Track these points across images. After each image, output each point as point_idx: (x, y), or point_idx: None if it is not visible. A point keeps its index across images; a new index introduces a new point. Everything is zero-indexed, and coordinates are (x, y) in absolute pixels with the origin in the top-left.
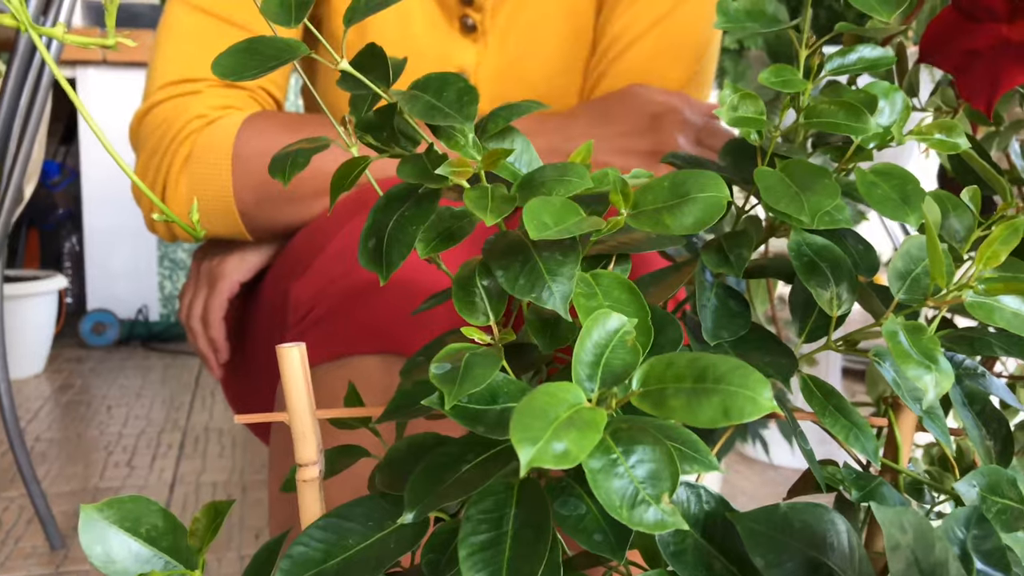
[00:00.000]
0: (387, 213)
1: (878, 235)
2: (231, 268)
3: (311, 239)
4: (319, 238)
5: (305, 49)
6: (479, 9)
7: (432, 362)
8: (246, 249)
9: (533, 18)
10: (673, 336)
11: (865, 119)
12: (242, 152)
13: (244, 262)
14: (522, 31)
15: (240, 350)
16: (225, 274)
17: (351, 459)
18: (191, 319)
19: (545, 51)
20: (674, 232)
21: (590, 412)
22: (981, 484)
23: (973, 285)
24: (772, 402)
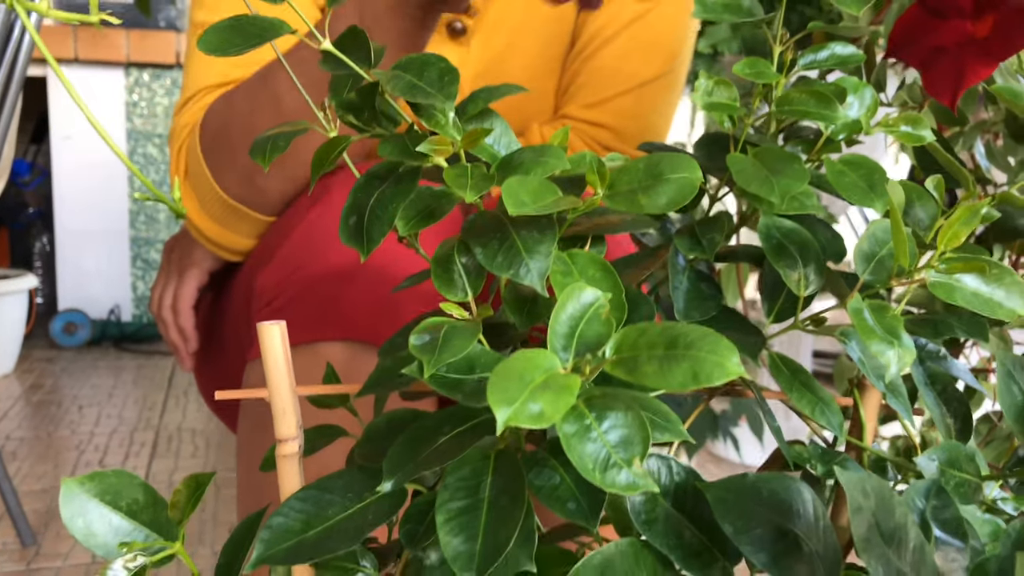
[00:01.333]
0: (367, 191)
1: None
2: (200, 257)
3: (276, 228)
4: (284, 227)
5: (288, 28)
6: (472, 15)
7: (412, 333)
8: None
9: (517, 21)
10: (646, 313)
11: (835, 107)
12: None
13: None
14: (505, 34)
15: (213, 341)
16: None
17: (329, 438)
18: (162, 309)
19: (527, 53)
20: (648, 211)
21: (564, 377)
22: (941, 459)
23: (935, 265)
24: (739, 367)
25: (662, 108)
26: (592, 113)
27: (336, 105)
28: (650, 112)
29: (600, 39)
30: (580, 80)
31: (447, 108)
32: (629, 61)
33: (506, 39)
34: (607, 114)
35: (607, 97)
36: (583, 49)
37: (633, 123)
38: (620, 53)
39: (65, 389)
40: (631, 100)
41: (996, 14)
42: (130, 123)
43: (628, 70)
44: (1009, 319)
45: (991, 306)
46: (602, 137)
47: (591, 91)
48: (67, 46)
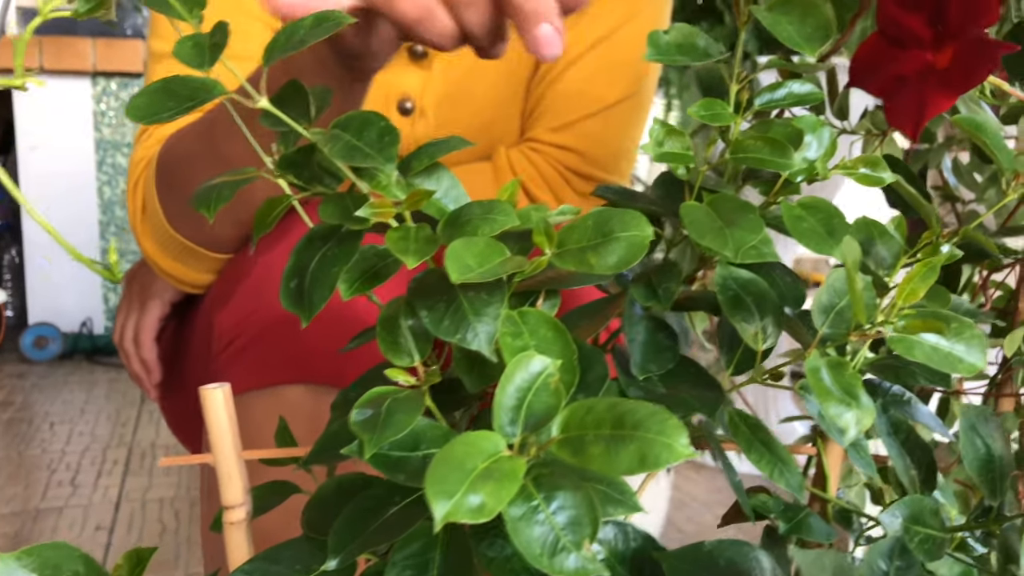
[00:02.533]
0: (309, 252)
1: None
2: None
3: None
4: (243, 264)
5: (223, 89)
6: None
7: (353, 407)
8: None
9: None
10: (600, 373)
11: (789, 155)
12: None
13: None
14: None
15: (177, 371)
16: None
17: (282, 496)
18: (124, 340)
19: (491, 76)
20: (598, 271)
21: (509, 462)
22: (904, 514)
23: (893, 322)
24: (688, 448)
25: (628, 130)
26: (558, 136)
27: (276, 164)
28: (616, 135)
29: (564, 61)
30: (545, 103)
31: (388, 170)
32: (594, 84)
33: (469, 62)
34: (573, 137)
35: (573, 120)
36: (548, 72)
37: (600, 146)
38: (585, 75)
39: (36, 406)
40: (597, 123)
41: (956, 45)
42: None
43: (593, 93)
44: (970, 373)
45: (951, 361)
46: (569, 161)
47: (556, 114)
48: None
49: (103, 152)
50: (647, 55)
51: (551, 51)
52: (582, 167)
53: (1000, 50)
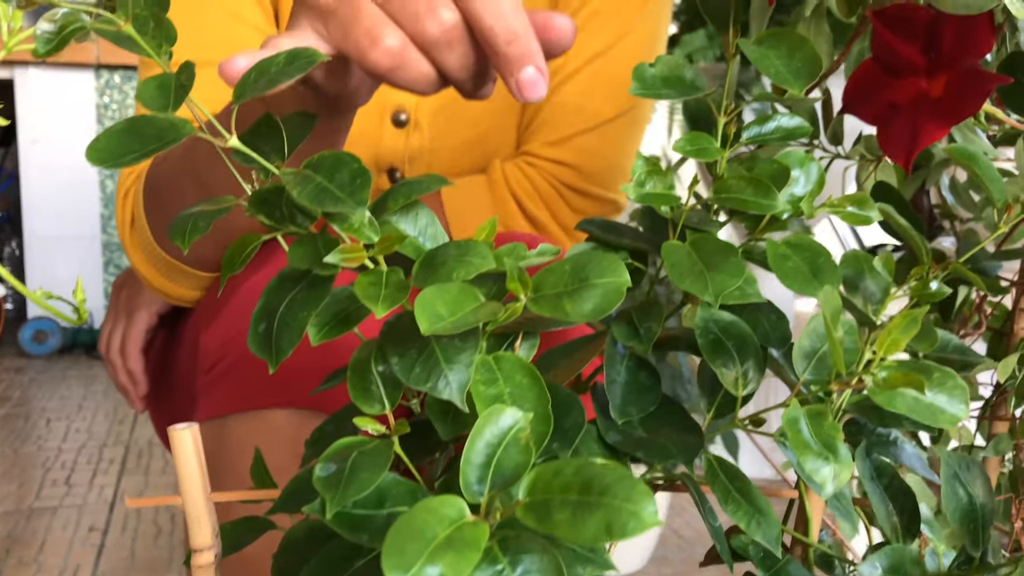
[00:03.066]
0: (279, 295)
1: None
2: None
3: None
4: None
5: (191, 128)
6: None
7: (318, 462)
8: None
9: None
10: (577, 420)
11: (773, 196)
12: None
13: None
14: None
15: (165, 382)
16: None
17: (255, 533)
18: (110, 351)
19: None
20: (573, 319)
21: (472, 528)
22: (884, 565)
23: (874, 373)
24: (655, 517)
25: (625, 145)
26: (555, 151)
27: (248, 204)
28: (613, 150)
29: (562, 75)
30: (542, 116)
31: (359, 215)
32: (591, 98)
33: None
34: (570, 152)
35: (569, 135)
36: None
37: (596, 161)
38: (582, 90)
39: (34, 401)
40: (594, 138)
41: (950, 74)
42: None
43: (591, 108)
44: (952, 425)
45: (933, 412)
46: (565, 176)
47: (553, 128)
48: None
49: None
50: (632, 89)
51: (534, 94)
52: (578, 182)
53: (994, 82)
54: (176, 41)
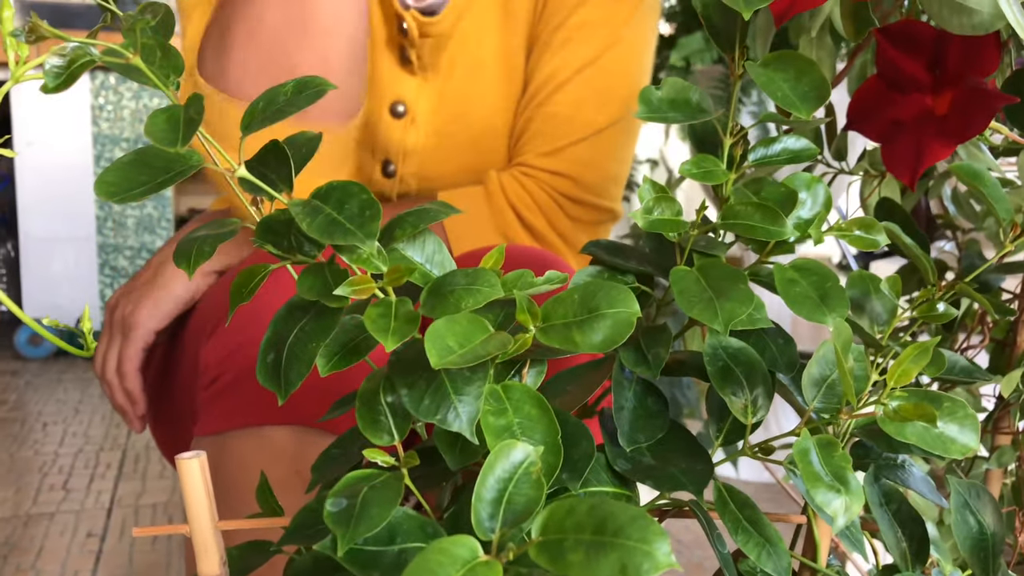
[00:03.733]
0: (288, 325)
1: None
2: (145, 316)
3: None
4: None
5: (200, 160)
6: (413, 44)
7: (328, 496)
8: (160, 296)
9: (473, 59)
10: (586, 451)
11: (781, 223)
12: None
13: (158, 310)
14: (464, 71)
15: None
16: (139, 323)
17: (263, 557)
18: (106, 371)
19: (486, 91)
20: (583, 350)
21: (485, 569)
22: None
23: (884, 403)
24: (669, 558)
25: (619, 153)
26: (549, 162)
27: (255, 232)
28: (607, 159)
29: (552, 85)
30: (534, 127)
31: (368, 246)
32: (583, 108)
33: (465, 75)
34: (564, 163)
35: (562, 146)
36: (536, 94)
37: (591, 171)
38: (573, 100)
39: (30, 405)
40: (587, 148)
41: (955, 91)
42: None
43: (583, 118)
44: (962, 455)
45: (943, 442)
46: (563, 187)
47: (546, 139)
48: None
49: (101, 146)
50: (637, 113)
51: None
52: (575, 192)
53: (1000, 101)
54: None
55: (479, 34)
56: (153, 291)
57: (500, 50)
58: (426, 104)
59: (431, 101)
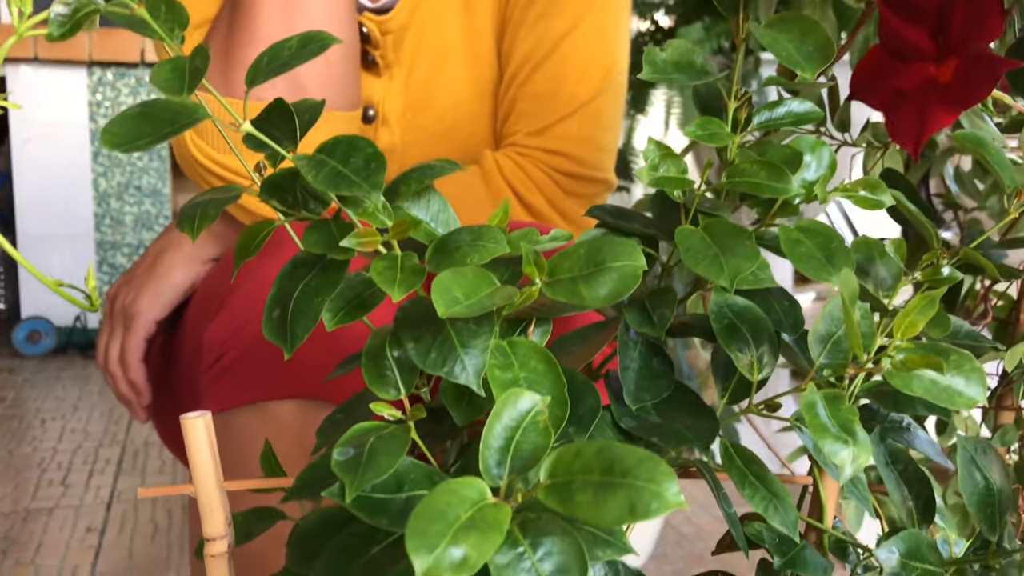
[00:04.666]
0: (293, 281)
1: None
2: (145, 306)
3: (225, 276)
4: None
5: (204, 112)
6: (376, 46)
7: (335, 447)
8: (160, 285)
9: (435, 48)
10: (592, 405)
11: (787, 180)
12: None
13: (158, 299)
14: (426, 61)
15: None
16: (140, 313)
17: (267, 523)
18: (109, 363)
19: (451, 79)
20: (589, 303)
21: (494, 510)
22: (901, 550)
23: (892, 356)
24: (678, 497)
25: (607, 124)
26: (540, 140)
27: (260, 188)
28: (595, 130)
29: (532, 63)
30: (519, 107)
31: (374, 198)
32: (564, 84)
33: (428, 66)
34: (555, 140)
35: (550, 123)
36: (516, 74)
37: (583, 145)
38: (553, 76)
39: (28, 402)
40: (575, 123)
41: (958, 59)
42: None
43: (565, 93)
44: (969, 407)
45: (950, 395)
46: (558, 164)
47: (533, 119)
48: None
49: (98, 143)
50: (643, 74)
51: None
52: (570, 168)
53: (1003, 67)
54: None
55: (439, 22)
56: (153, 280)
57: (464, 35)
58: (393, 103)
59: (398, 99)
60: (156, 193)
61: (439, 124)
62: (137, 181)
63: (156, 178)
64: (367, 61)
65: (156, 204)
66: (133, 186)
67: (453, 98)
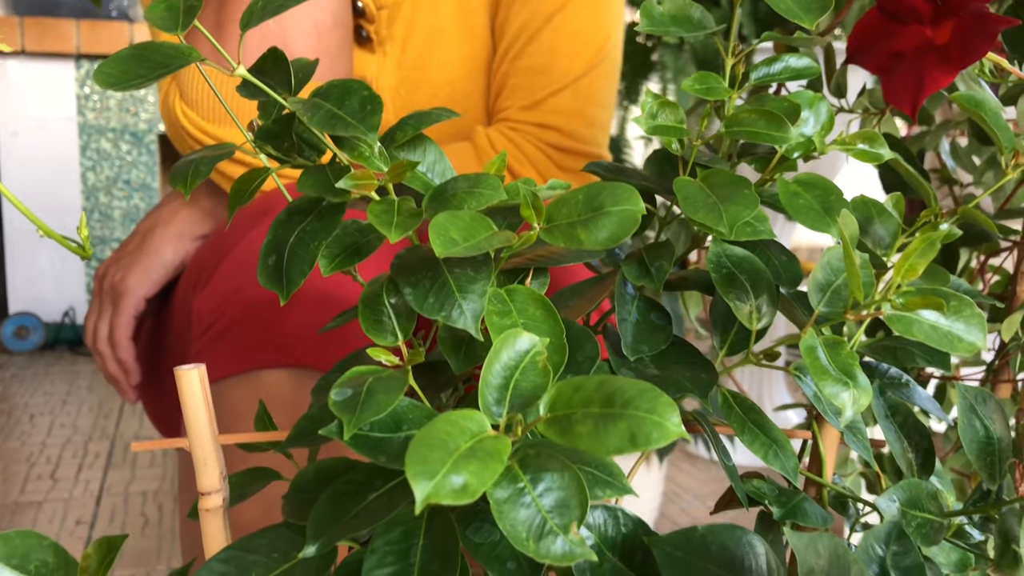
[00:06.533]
0: (288, 228)
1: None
2: (134, 283)
3: (213, 249)
4: (221, 248)
5: (198, 55)
6: (371, 20)
7: (332, 387)
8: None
9: (429, 24)
10: (590, 353)
11: (785, 128)
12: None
13: (148, 276)
14: (420, 38)
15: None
16: (129, 290)
17: (261, 482)
18: (97, 342)
19: (444, 56)
20: (588, 247)
21: (493, 441)
22: (901, 499)
23: (892, 299)
24: (680, 427)
25: (600, 99)
26: (532, 115)
27: (255, 136)
28: (588, 105)
29: (525, 37)
30: (512, 82)
31: (370, 140)
32: (557, 57)
33: (421, 43)
34: (547, 114)
35: (542, 97)
36: (509, 48)
37: (574, 119)
38: (546, 50)
39: (16, 397)
40: (568, 97)
41: (955, 21)
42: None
43: (559, 67)
44: (969, 353)
45: (951, 340)
46: (550, 138)
47: (525, 93)
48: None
49: (87, 137)
50: (640, 27)
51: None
52: (562, 142)
53: (1000, 25)
54: None
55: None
56: (142, 257)
57: (458, 12)
58: (387, 80)
59: (392, 76)
60: (145, 187)
61: (433, 101)
62: (126, 175)
63: (145, 172)
64: (361, 37)
65: (145, 198)
66: (122, 180)
67: (447, 75)
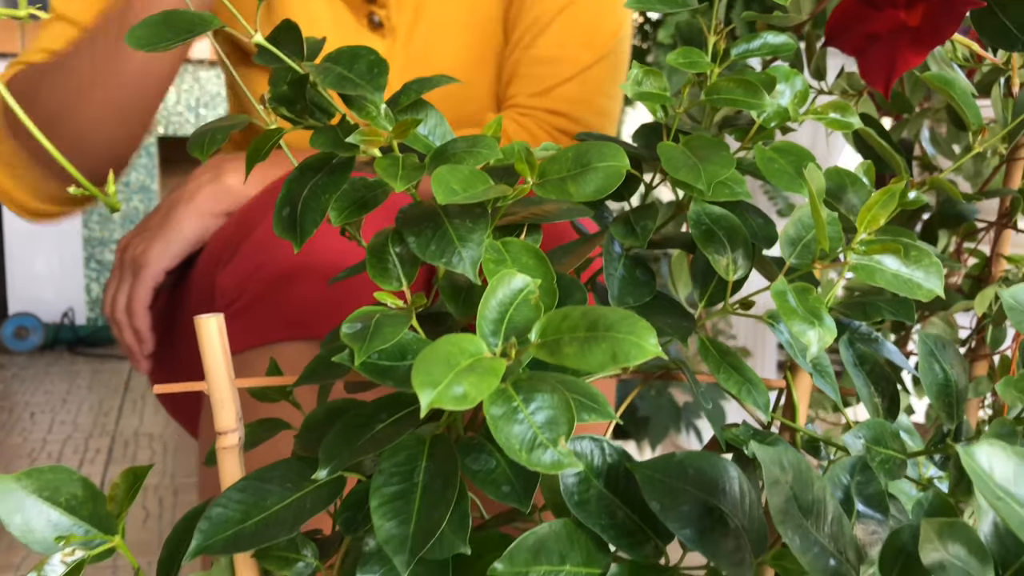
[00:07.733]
0: (301, 183)
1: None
2: (155, 256)
3: (238, 226)
4: (246, 225)
5: (218, 22)
6: (383, 5)
7: (344, 322)
8: (171, 237)
9: (438, 12)
10: (579, 299)
11: (761, 96)
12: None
13: (168, 250)
14: (429, 25)
15: (169, 343)
16: (149, 262)
17: (272, 431)
18: (115, 310)
19: (453, 44)
20: (577, 199)
21: (490, 361)
22: (866, 436)
23: (855, 248)
24: (657, 347)
25: (608, 89)
26: (542, 101)
27: (270, 98)
28: (596, 95)
29: (537, 28)
30: (522, 70)
31: (378, 100)
32: (567, 48)
33: (430, 30)
34: (557, 101)
35: (551, 86)
36: (522, 38)
37: (583, 108)
38: (557, 41)
39: (16, 396)
40: (576, 86)
41: (926, 4)
42: None
43: (568, 57)
44: (927, 299)
45: (910, 286)
46: (559, 124)
47: (535, 81)
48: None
49: None
50: (626, 3)
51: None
52: (571, 128)
53: (965, 6)
54: None
55: None
56: (164, 231)
57: (467, 2)
58: (396, 65)
59: (401, 61)
60: (144, 189)
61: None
62: (125, 177)
63: (144, 174)
64: (373, 22)
65: (144, 200)
66: (121, 182)
67: (453, 64)
